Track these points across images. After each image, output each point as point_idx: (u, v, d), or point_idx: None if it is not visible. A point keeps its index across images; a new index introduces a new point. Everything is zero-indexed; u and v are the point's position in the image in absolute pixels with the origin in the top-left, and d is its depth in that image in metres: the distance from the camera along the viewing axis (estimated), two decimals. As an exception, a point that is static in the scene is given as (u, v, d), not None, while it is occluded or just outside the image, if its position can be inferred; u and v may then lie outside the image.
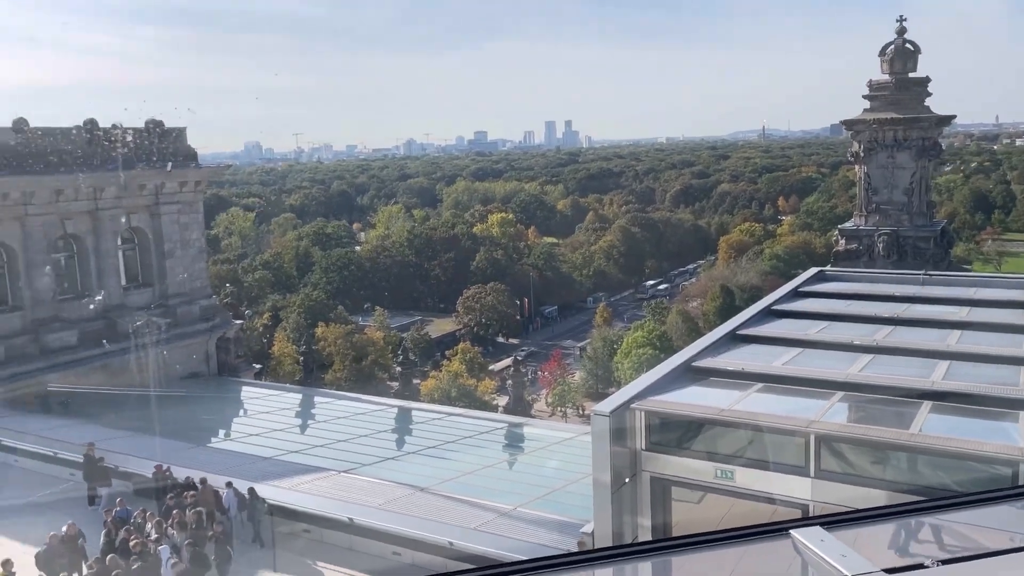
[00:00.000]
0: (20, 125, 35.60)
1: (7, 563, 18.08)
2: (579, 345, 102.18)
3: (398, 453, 30.00)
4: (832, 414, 16.50)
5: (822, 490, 15.22)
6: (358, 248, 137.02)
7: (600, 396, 73.54)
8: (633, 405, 16.79)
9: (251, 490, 22.31)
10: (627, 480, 16.78)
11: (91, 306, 37.16)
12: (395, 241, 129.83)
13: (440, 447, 30.04)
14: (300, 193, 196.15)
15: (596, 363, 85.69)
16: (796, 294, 27.30)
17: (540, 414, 70.71)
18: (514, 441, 32.83)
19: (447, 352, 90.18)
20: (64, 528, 19.86)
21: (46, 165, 36.08)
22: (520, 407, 49.50)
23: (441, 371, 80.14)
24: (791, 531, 3.14)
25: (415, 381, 61.70)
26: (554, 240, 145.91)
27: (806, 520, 3.22)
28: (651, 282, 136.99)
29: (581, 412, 78.58)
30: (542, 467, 27.76)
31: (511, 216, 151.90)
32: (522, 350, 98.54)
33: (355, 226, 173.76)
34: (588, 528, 17.49)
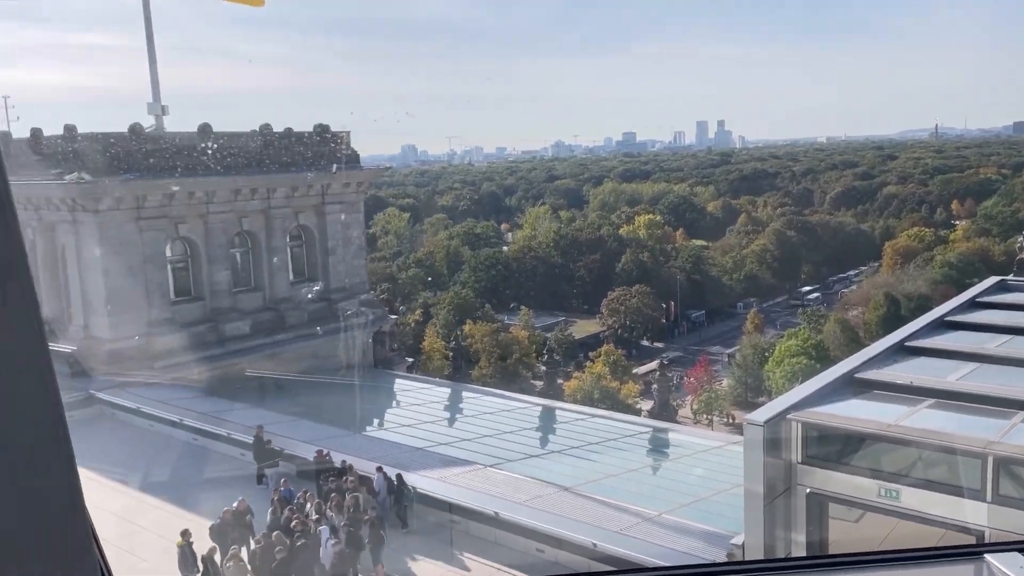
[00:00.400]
0: (204, 130, 38.79)
1: (186, 533, 19.72)
2: (728, 352, 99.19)
3: (542, 451, 30.30)
4: (1014, 435, 15.15)
5: (1001, 517, 14.01)
6: (505, 248, 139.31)
7: (749, 405, 71.03)
8: (789, 416, 16.13)
9: (399, 476, 23.28)
10: (781, 493, 16.14)
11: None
12: (541, 242, 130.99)
13: (583, 448, 30.09)
14: (451, 194, 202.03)
15: (746, 371, 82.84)
16: (973, 305, 25.26)
17: (684, 420, 69.23)
18: (658, 446, 32.38)
19: (590, 353, 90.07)
20: (235, 504, 21.45)
21: (226, 167, 39.15)
22: (665, 412, 48.64)
23: (584, 372, 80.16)
24: (986, 555, 2.93)
25: (559, 381, 62.02)
26: (703, 243, 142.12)
27: (1002, 545, 3.01)
28: (806, 288, 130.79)
29: (731, 420, 76.26)
30: (688, 474, 27.20)
31: (659, 218, 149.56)
32: (667, 354, 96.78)
33: (503, 226, 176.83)
34: (738, 540, 16.97)
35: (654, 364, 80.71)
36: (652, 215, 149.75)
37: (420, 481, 23.94)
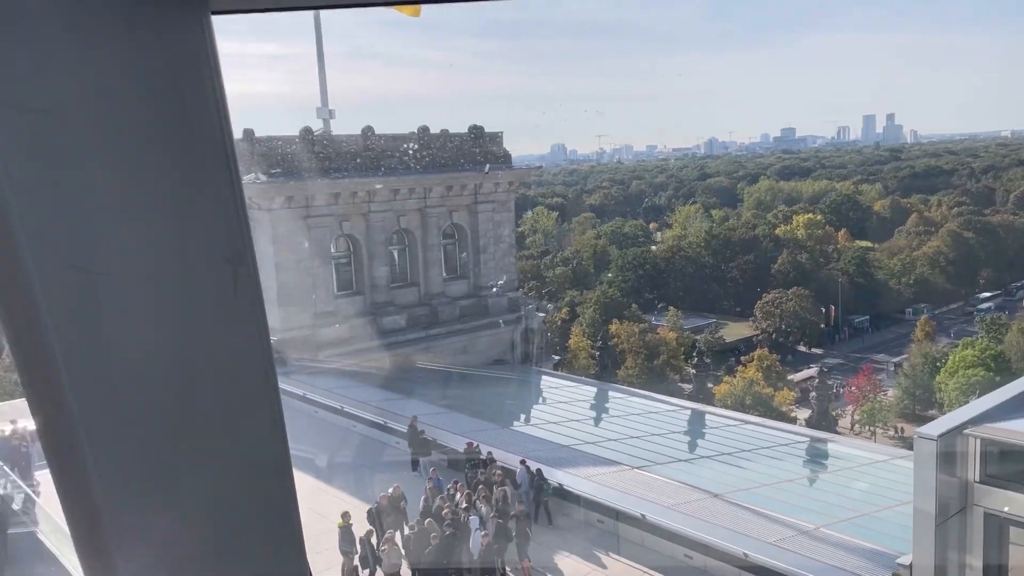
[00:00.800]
0: (368, 133, 40.75)
1: (346, 515, 20.76)
2: (894, 360, 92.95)
3: (690, 456, 29.65)
4: None
5: None
6: (654, 248, 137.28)
7: (917, 418, 66.33)
8: (967, 431, 14.93)
9: (539, 471, 23.50)
10: (955, 513, 14.97)
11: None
12: (692, 241, 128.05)
13: (735, 455, 29.17)
14: (600, 193, 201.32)
15: (914, 381, 77.32)
16: None
17: (843, 431, 65.53)
18: (816, 457, 30.86)
19: (742, 357, 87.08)
20: (391, 490, 22.38)
21: (386, 168, 40.94)
22: (824, 422, 46.32)
23: (735, 377, 77.60)
24: None
25: (708, 385, 60.43)
26: (868, 244, 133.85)
27: None
28: (985, 295, 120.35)
29: (898, 432, 71.50)
30: (848, 488, 25.75)
31: (819, 217, 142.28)
32: (826, 361, 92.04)
33: (652, 226, 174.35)
34: (905, 560, 15.89)
35: (812, 371, 77.05)
36: (812, 214, 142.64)
37: (566, 479, 24.02)
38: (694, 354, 64.82)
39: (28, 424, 29.26)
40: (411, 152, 41.79)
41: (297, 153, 38.24)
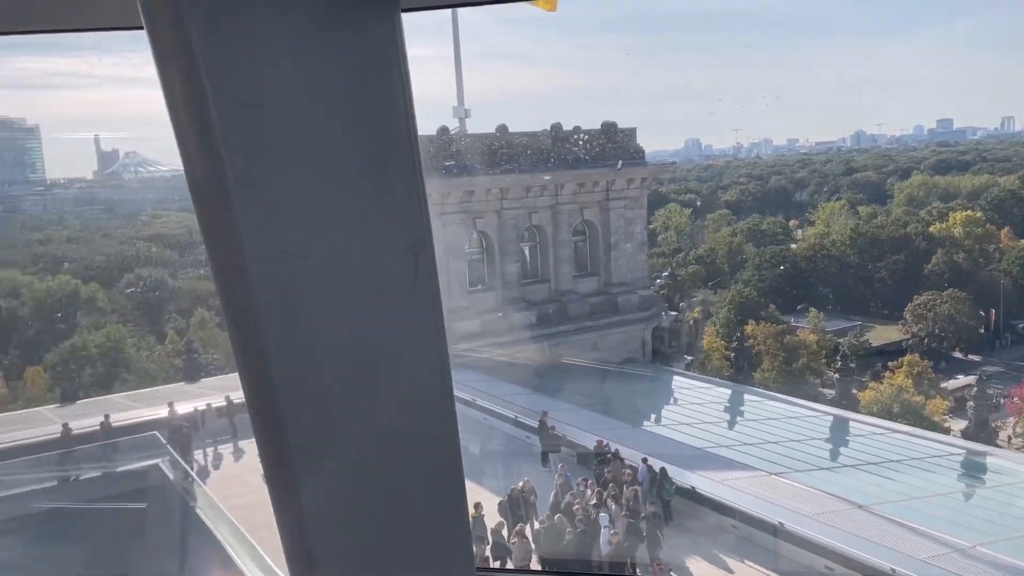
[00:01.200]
0: (502, 130, 41.31)
1: (478, 506, 21.11)
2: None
3: (832, 464, 28.27)
4: None
5: None
6: (794, 246, 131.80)
7: (1092, 434, 60.34)
8: None
9: (662, 469, 23.10)
10: None
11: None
12: (835, 240, 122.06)
13: (881, 465, 27.58)
14: (736, 189, 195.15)
15: (1088, 393, 70.47)
16: None
17: (1002, 444, 60.60)
18: (973, 471, 28.70)
19: (889, 363, 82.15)
20: (521, 484, 22.62)
21: (519, 165, 41.37)
22: (983, 434, 43.02)
23: (882, 383, 73.35)
24: None
25: (852, 390, 57.43)
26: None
27: None
28: None
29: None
30: (1012, 506, 23.78)
31: (979, 215, 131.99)
32: (985, 369, 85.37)
33: (792, 223, 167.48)
34: (1078, 588, 14.51)
35: (970, 379, 71.66)
36: (971, 212, 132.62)
37: (699, 481, 23.49)
38: (837, 358, 61.79)
39: (187, 407, 31.63)
40: (543, 149, 42.02)
41: (435, 152, 39.28)
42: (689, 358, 53.38)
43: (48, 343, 73.16)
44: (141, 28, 1.27)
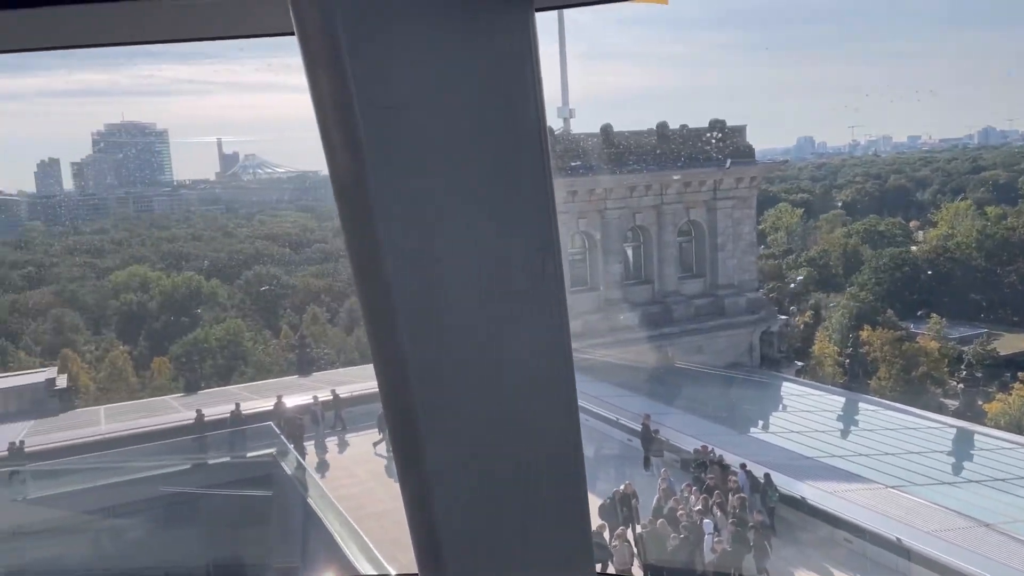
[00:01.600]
0: (606, 130, 41.01)
1: (581, 505, 21.03)
2: None
3: (956, 479, 26.66)
4: None
5: None
6: (914, 248, 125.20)
7: None
8: None
9: (766, 476, 22.33)
10: None
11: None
12: (961, 242, 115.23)
13: (1011, 481, 25.81)
14: (852, 188, 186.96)
15: None
16: None
17: None
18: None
19: (1020, 373, 76.84)
20: (623, 487, 22.37)
21: (623, 165, 40.96)
22: None
23: (1012, 394, 68.74)
24: None
25: (979, 402, 54.02)
26: None
27: None
28: None
29: None
30: None
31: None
32: None
33: (912, 224, 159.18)
34: None
35: (1111, 393, 66.20)
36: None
37: (809, 492, 22.63)
38: (961, 367, 58.27)
39: (299, 399, 32.87)
40: (648, 149, 41.46)
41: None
42: (799, 364, 51.56)
43: (173, 335, 77.71)
44: (291, 34, 1.32)
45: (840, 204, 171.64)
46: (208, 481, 27.68)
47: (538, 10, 1.38)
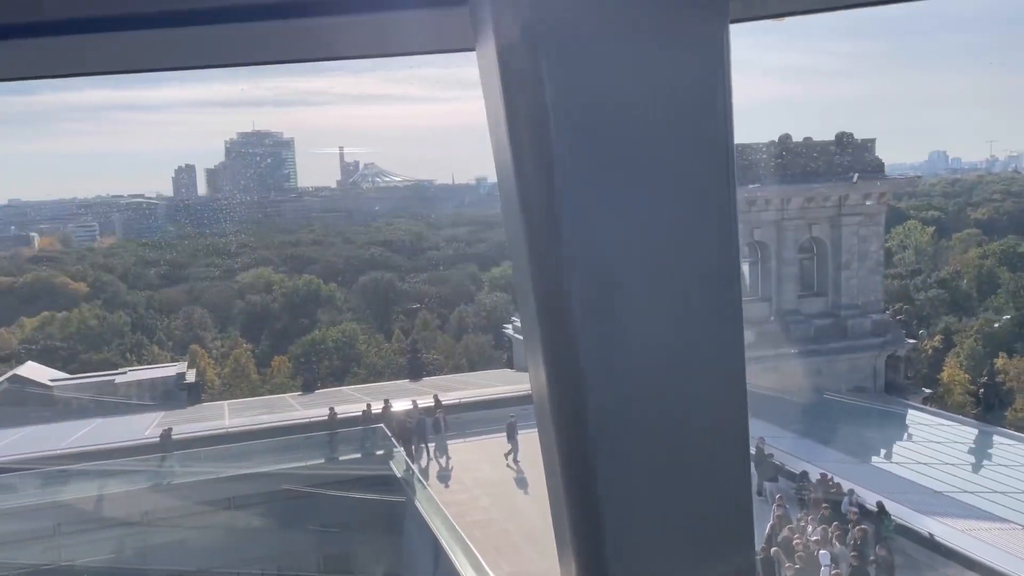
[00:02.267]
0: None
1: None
2: None
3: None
4: None
5: None
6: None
7: None
8: None
9: (879, 504, 21.24)
10: None
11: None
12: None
13: None
14: (989, 207, 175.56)
15: None
16: None
17: None
18: None
19: None
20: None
21: (740, 178, 39.85)
22: None
23: None
24: None
25: None
26: None
27: None
28: None
29: None
30: None
31: None
32: None
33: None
34: None
35: None
36: None
37: (937, 528, 21.25)
38: (1112, 402, 53.56)
39: (407, 404, 33.52)
40: (770, 162, 40.17)
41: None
42: (927, 391, 48.63)
43: (292, 335, 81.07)
44: (469, 50, 1.35)
45: (975, 223, 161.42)
46: (317, 481, 28.60)
47: (733, 21, 1.36)
